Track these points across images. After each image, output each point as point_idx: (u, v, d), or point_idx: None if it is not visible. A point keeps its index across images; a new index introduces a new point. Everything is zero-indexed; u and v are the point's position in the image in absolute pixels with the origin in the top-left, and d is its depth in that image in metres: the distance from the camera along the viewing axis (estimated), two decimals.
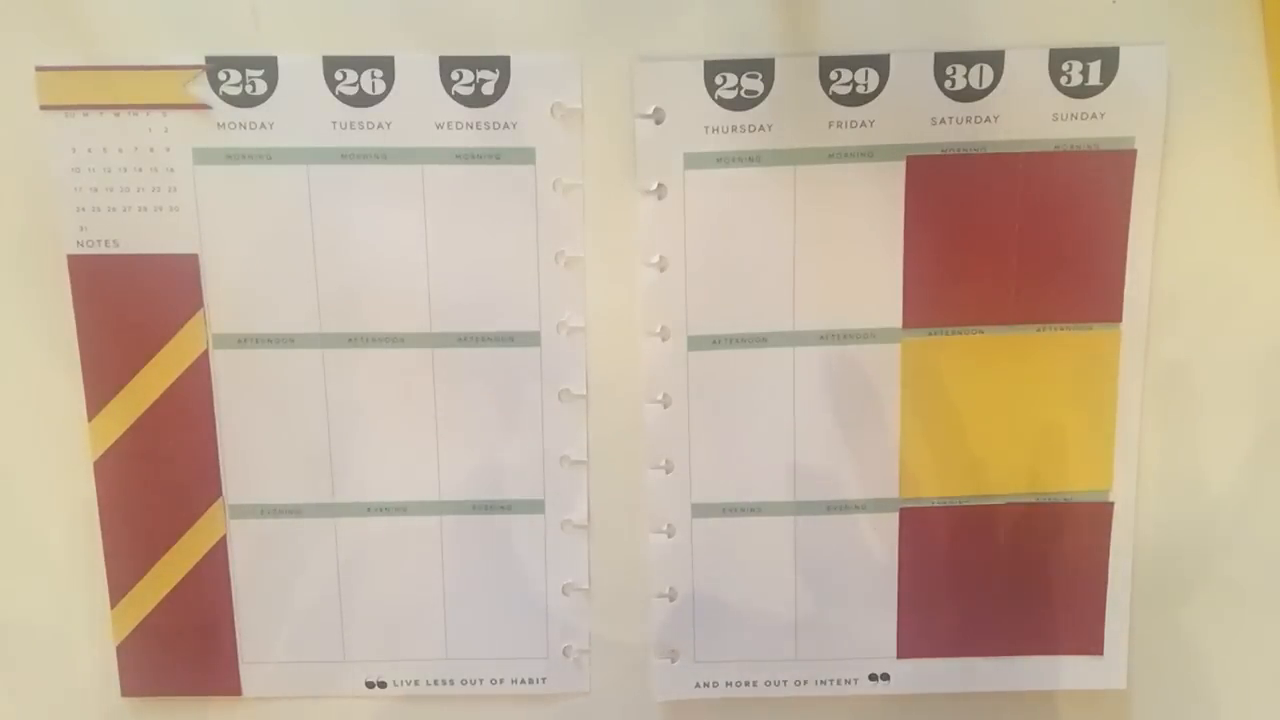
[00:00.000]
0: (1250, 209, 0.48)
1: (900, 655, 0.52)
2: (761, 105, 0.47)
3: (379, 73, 0.46)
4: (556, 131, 0.47)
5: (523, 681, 0.52)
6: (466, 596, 0.51)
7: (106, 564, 0.50)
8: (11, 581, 0.51)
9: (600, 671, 0.52)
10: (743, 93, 0.47)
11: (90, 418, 0.49)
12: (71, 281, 0.48)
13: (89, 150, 0.47)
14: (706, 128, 0.47)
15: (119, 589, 0.51)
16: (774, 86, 0.47)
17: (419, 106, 0.47)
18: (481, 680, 0.52)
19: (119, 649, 0.51)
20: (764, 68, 0.47)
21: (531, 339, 0.49)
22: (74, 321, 0.48)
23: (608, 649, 0.52)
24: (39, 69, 0.46)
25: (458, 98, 0.47)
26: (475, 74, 0.46)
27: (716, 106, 0.47)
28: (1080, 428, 0.50)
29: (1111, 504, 0.51)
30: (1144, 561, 0.51)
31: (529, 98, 0.47)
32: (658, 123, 0.47)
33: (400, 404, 0.49)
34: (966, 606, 0.52)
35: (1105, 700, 0.53)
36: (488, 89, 0.47)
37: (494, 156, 0.47)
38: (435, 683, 0.52)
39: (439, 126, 0.47)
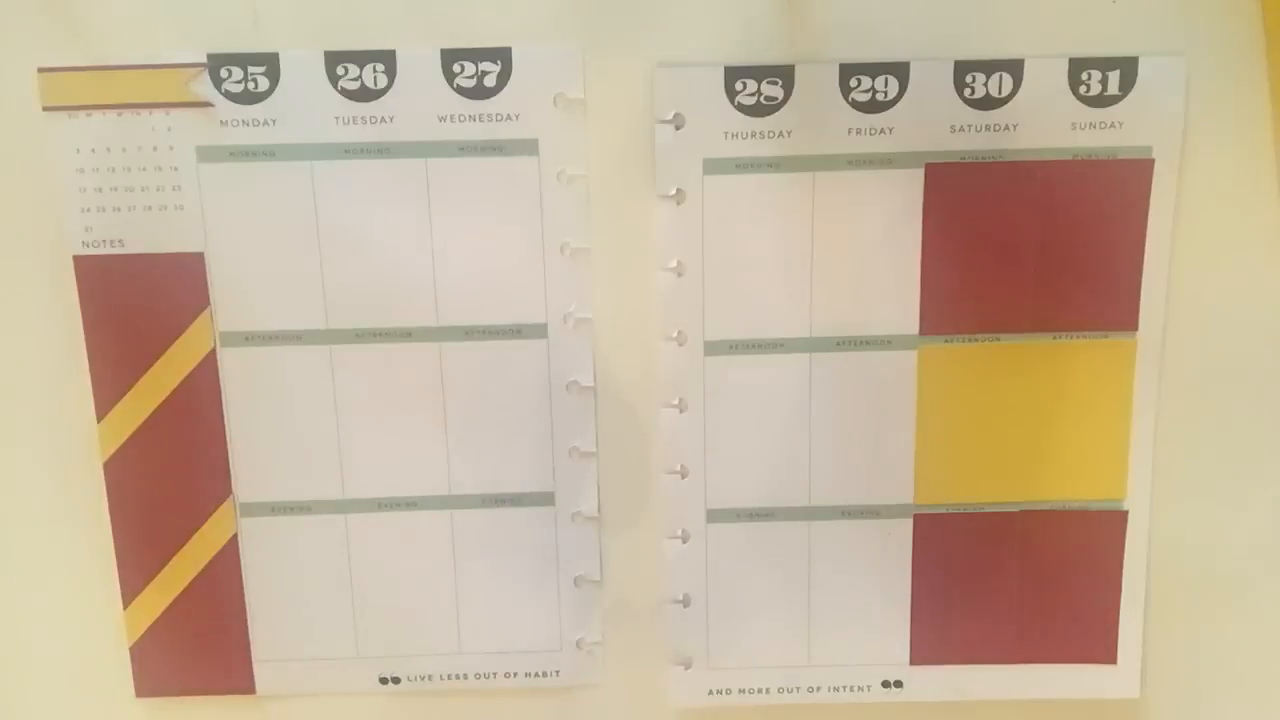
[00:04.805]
0: (1267, 219, 0.48)
1: (914, 662, 0.52)
2: (781, 111, 0.47)
3: (380, 66, 0.46)
4: (559, 122, 0.47)
5: (536, 675, 0.52)
6: (478, 590, 0.51)
7: (118, 565, 0.50)
8: (24, 585, 0.51)
9: (613, 665, 0.52)
10: (763, 99, 0.47)
11: (99, 419, 0.49)
12: (78, 282, 0.48)
13: (92, 150, 0.47)
14: (726, 133, 0.47)
15: (131, 590, 0.51)
16: (794, 93, 0.47)
17: (421, 100, 0.47)
18: (495, 674, 0.52)
19: (132, 650, 0.51)
20: (784, 74, 0.47)
21: (538, 330, 0.49)
22: (81, 322, 0.48)
23: (620, 644, 0.52)
24: (41, 70, 0.46)
25: (460, 90, 0.47)
26: (477, 66, 0.46)
27: (736, 112, 0.47)
28: (1095, 436, 0.50)
29: (1126, 512, 0.51)
30: (1158, 570, 0.51)
31: (531, 89, 0.47)
32: (677, 128, 0.47)
33: (408, 398, 0.49)
34: (980, 614, 0.52)
35: (1119, 709, 0.53)
36: (490, 81, 0.47)
37: (497, 148, 0.47)
38: (448, 677, 0.52)
39: (441, 120, 0.47)
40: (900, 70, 0.47)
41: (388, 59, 0.46)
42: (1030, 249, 0.48)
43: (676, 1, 0.46)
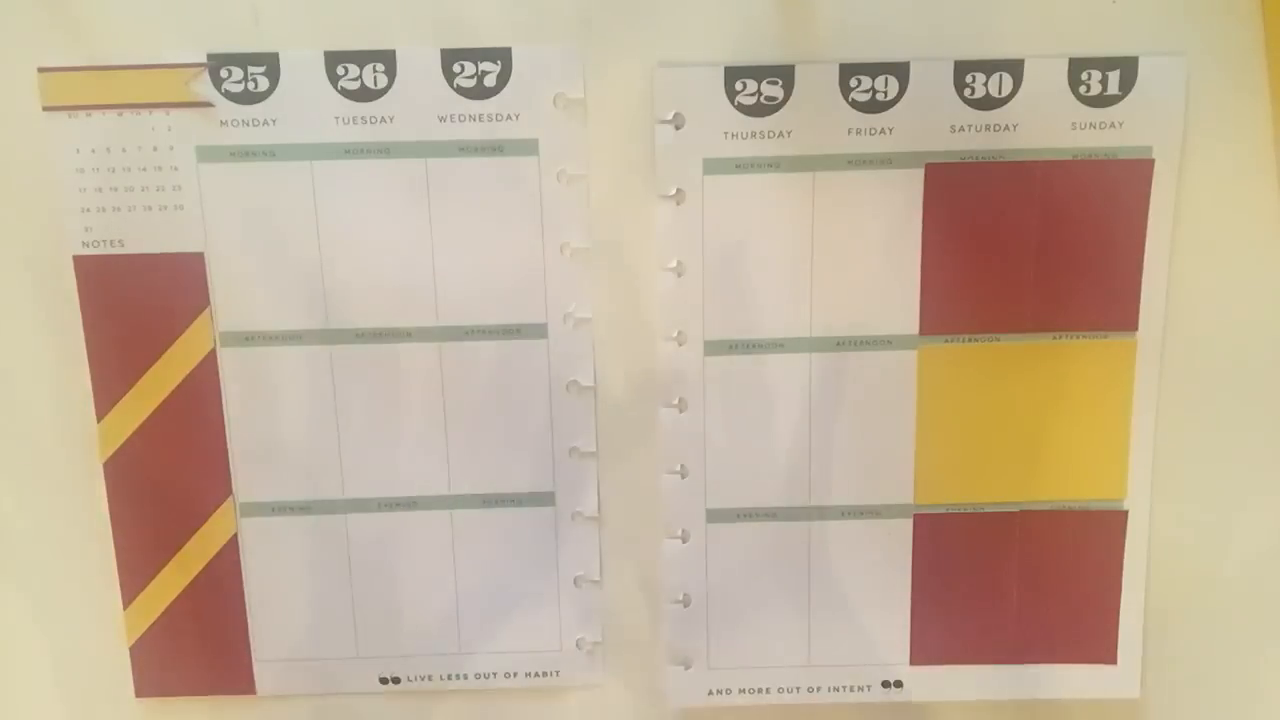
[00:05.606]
0: (1267, 219, 0.48)
1: (914, 662, 0.52)
2: (781, 111, 0.47)
3: (381, 66, 0.46)
4: (559, 122, 0.47)
5: (536, 675, 0.52)
6: (478, 590, 0.51)
7: (118, 565, 0.50)
8: (23, 584, 0.51)
9: (613, 665, 0.52)
10: (763, 99, 0.47)
11: (99, 418, 0.49)
12: (78, 282, 0.48)
13: (92, 150, 0.47)
14: (726, 133, 0.47)
15: (131, 590, 0.51)
16: (794, 93, 0.47)
17: (421, 100, 0.47)
18: (495, 674, 0.52)
19: (132, 650, 0.51)
20: (784, 74, 0.47)
21: (538, 330, 0.49)
22: (81, 322, 0.48)
23: (620, 645, 0.52)
24: (41, 70, 0.46)
25: (460, 90, 0.47)
26: (477, 66, 0.46)
27: (736, 112, 0.47)
28: (1095, 436, 0.50)
29: (1126, 512, 0.51)
30: (1158, 570, 0.51)
31: (531, 89, 0.47)
32: (677, 128, 0.47)
33: (408, 398, 0.49)
34: (980, 614, 0.52)
35: (1118, 709, 0.53)
36: (489, 80, 0.47)
37: (497, 148, 0.47)
38: (448, 677, 0.52)
39: (441, 120, 0.47)
40: (900, 70, 0.47)
41: (388, 59, 0.46)
42: (1030, 249, 0.48)
43: (676, 1, 0.46)
